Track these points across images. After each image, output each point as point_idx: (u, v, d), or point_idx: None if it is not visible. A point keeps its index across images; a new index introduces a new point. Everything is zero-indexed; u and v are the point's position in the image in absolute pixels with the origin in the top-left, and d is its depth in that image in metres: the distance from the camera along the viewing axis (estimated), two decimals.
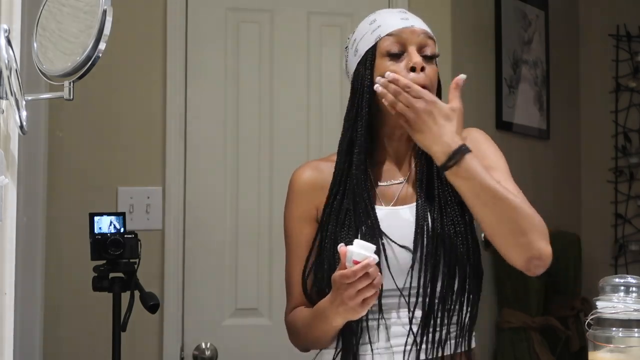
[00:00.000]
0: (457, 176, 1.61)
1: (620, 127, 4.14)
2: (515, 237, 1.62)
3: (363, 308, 1.56)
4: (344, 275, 1.52)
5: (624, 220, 4.11)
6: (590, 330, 1.45)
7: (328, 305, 1.61)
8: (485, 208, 1.62)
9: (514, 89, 3.57)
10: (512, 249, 1.63)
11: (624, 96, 4.15)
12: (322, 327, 1.67)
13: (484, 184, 1.60)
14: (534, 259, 1.62)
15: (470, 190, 1.62)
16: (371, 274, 1.52)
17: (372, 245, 1.54)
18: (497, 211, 1.61)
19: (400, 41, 1.72)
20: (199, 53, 2.90)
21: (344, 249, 1.53)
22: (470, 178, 1.61)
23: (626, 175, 4.12)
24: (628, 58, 4.15)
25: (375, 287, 1.54)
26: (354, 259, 1.52)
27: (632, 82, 4.13)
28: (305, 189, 1.79)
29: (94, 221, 2.25)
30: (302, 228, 1.77)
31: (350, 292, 1.53)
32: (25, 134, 1.28)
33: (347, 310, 1.57)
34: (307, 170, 1.82)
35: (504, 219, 1.62)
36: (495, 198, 1.60)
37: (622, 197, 4.12)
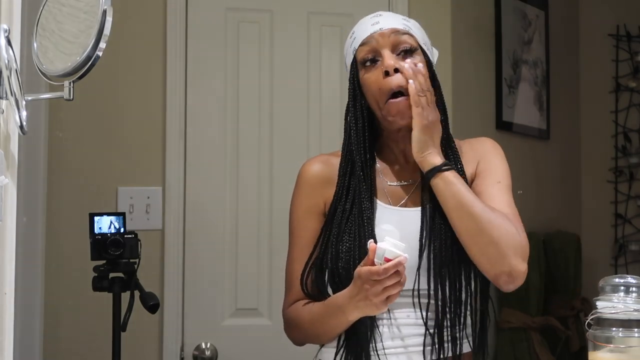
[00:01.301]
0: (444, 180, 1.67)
1: (620, 127, 4.14)
2: (487, 252, 1.64)
3: (385, 305, 1.58)
4: (374, 271, 1.53)
5: (624, 220, 4.11)
6: (590, 330, 1.45)
7: (347, 299, 1.61)
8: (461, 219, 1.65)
9: (514, 89, 3.57)
10: (483, 262, 1.66)
11: (624, 96, 4.15)
12: (334, 321, 1.68)
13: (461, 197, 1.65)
14: (503, 275, 1.65)
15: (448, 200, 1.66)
16: (400, 272, 1.53)
17: (403, 244, 1.55)
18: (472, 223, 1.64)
19: (372, 48, 1.74)
20: (199, 53, 2.90)
21: (374, 246, 1.54)
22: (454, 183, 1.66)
23: (626, 175, 4.12)
24: (628, 58, 4.15)
25: (402, 285, 1.56)
26: (386, 256, 1.52)
27: (632, 82, 4.13)
28: (314, 182, 1.79)
29: (94, 221, 2.25)
30: (309, 221, 1.78)
31: (377, 288, 1.54)
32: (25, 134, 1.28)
33: (367, 306, 1.58)
34: (318, 164, 1.82)
35: (478, 232, 1.64)
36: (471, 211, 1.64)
37: (622, 197, 4.12)
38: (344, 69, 1.87)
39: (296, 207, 1.81)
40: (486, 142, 1.83)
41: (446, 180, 1.66)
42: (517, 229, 1.66)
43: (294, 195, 1.83)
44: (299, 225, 1.79)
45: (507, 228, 1.64)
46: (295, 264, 1.78)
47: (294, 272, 1.79)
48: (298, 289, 1.77)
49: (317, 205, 1.78)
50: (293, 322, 1.78)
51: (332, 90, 2.94)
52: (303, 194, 1.80)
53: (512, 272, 1.64)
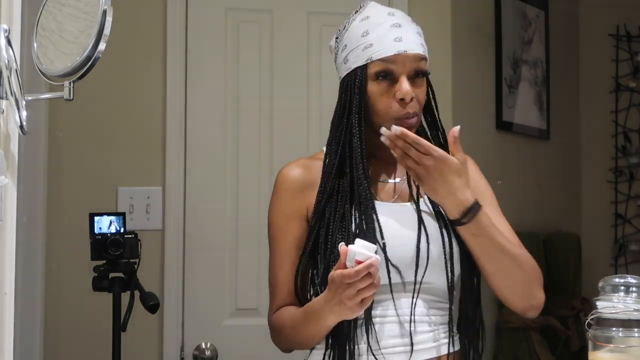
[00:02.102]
0: (468, 232, 1.65)
1: (620, 127, 4.13)
2: (518, 289, 1.69)
3: (360, 308, 1.56)
4: (346, 275, 1.51)
5: (624, 220, 4.11)
6: (590, 330, 1.44)
7: (323, 304, 1.59)
8: (492, 263, 1.67)
9: (514, 89, 3.57)
10: (514, 298, 1.71)
11: (624, 96, 4.15)
12: (313, 326, 1.66)
13: (493, 241, 1.65)
14: (532, 308, 1.72)
15: (480, 245, 1.66)
16: (372, 273, 1.51)
17: (374, 245, 1.53)
18: (503, 266, 1.67)
19: (392, 68, 1.69)
20: (199, 53, 2.90)
21: (345, 249, 1.52)
22: (481, 235, 1.65)
23: (626, 175, 4.12)
24: (628, 58, 4.15)
25: (376, 287, 1.54)
26: (357, 258, 1.50)
27: (632, 82, 4.13)
28: (295, 187, 1.77)
29: (94, 221, 2.25)
30: (291, 226, 1.75)
31: (350, 291, 1.52)
32: (25, 134, 1.28)
33: (343, 310, 1.56)
34: (297, 168, 1.80)
35: (510, 273, 1.67)
36: (503, 254, 1.66)
37: (622, 197, 4.12)
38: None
39: (276, 213, 1.78)
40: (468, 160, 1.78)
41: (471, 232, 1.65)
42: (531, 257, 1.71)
43: (272, 201, 1.80)
44: (281, 232, 1.76)
45: (531, 263, 1.70)
46: (279, 271, 1.76)
47: (277, 278, 1.76)
48: (282, 295, 1.75)
49: (299, 211, 1.75)
50: (278, 329, 1.76)
51: (332, 90, 2.92)
52: (283, 199, 1.77)
53: (538, 304, 1.72)
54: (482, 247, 1.65)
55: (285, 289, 1.75)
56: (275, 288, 1.77)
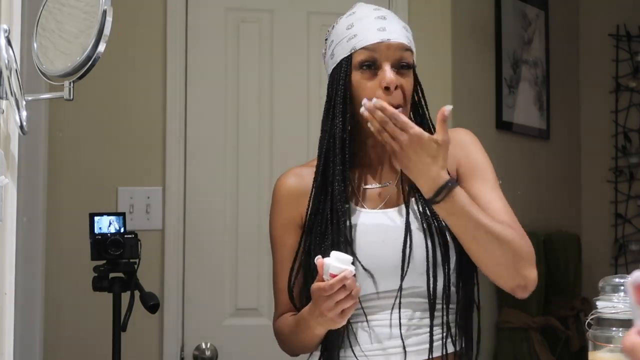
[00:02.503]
0: (444, 210, 1.62)
1: (620, 127, 4.13)
2: (502, 268, 1.64)
3: (342, 319, 1.57)
4: (322, 288, 1.52)
5: (624, 220, 4.11)
6: (590, 330, 1.44)
7: (308, 315, 1.62)
8: (472, 241, 1.63)
9: (514, 89, 3.57)
10: (499, 278, 1.66)
11: (624, 96, 4.15)
12: (304, 335, 1.68)
13: (471, 219, 1.61)
14: (519, 288, 1.66)
15: (457, 224, 1.63)
16: (348, 286, 1.52)
17: (349, 257, 1.53)
18: (484, 244, 1.62)
19: (375, 56, 1.69)
20: (199, 53, 2.90)
21: (321, 261, 1.53)
22: (457, 213, 1.61)
23: (626, 175, 4.12)
24: (628, 58, 4.15)
25: (354, 298, 1.54)
26: (331, 272, 1.52)
27: (632, 82, 4.13)
28: (288, 197, 1.79)
29: (94, 221, 2.24)
30: (287, 236, 1.78)
31: (328, 304, 1.53)
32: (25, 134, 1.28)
33: (326, 321, 1.58)
34: (290, 177, 1.82)
35: (491, 252, 1.63)
36: (482, 232, 1.61)
37: (622, 197, 4.12)
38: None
39: (274, 223, 1.81)
40: (463, 134, 1.78)
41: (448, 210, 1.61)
42: (523, 236, 1.66)
43: (271, 211, 1.83)
44: (278, 240, 1.80)
45: (517, 241, 1.64)
46: (279, 278, 1.79)
47: (278, 287, 1.80)
48: (282, 302, 1.79)
49: (293, 220, 1.77)
50: (280, 335, 1.80)
51: None
52: (279, 209, 1.80)
53: (527, 284, 1.66)
54: (459, 226, 1.62)
55: (285, 296, 1.78)
56: (277, 295, 1.82)
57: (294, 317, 1.72)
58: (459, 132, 1.78)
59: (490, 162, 1.76)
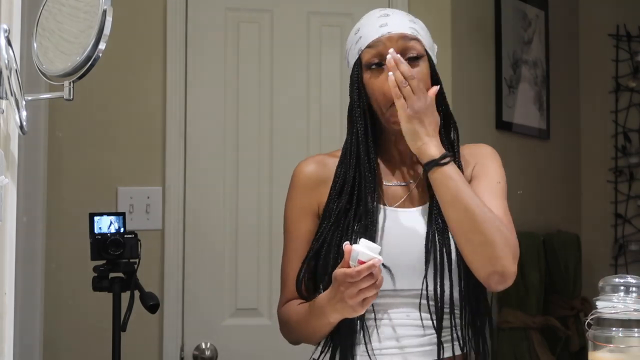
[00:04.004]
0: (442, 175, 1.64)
1: (620, 127, 4.13)
2: (480, 250, 1.63)
3: (362, 307, 1.56)
4: (348, 274, 1.52)
5: (624, 220, 4.11)
6: (590, 330, 1.45)
7: (326, 301, 1.61)
8: (458, 215, 1.64)
9: (514, 89, 3.57)
10: (477, 259, 1.64)
11: (624, 96, 4.15)
12: (317, 322, 1.67)
13: (464, 191, 1.63)
14: (495, 275, 1.64)
15: (449, 193, 1.64)
16: (375, 274, 1.52)
17: (378, 246, 1.54)
18: (469, 221, 1.62)
19: (379, 52, 1.71)
20: (199, 53, 2.90)
21: (349, 247, 1.53)
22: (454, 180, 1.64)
23: (626, 175, 4.12)
24: (628, 58, 4.15)
25: (377, 287, 1.54)
26: (360, 258, 1.51)
27: (632, 82, 4.13)
28: (308, 183, 1.78)
29: (94, 221, 2.24)
30: (302, 222, 1.77)
31: (351, 290, 1.53)
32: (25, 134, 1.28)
33: (345, 308, 1.57)
34: (312, 164, 1.81)
35: (474, 230, 1.62)
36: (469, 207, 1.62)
37: (622, 197, 4.12)
38: (344, 69, 1.86)
39: (290, 208, 1.80)
40: (485, 147, 1.84)
41: (444, 174, 1.65)
42: (510, 230, 1.67)
43: (288, 195, 1.81)
44: (292, 226, 1.79)
45: (501, 228, 1.64)
46: (289, 265, 1.78)
47: (287, 273, 1.78)
48: (291, 289, 1.77)
49: (310, 207, 1.76)
50: (284, 322, 1.78)
51: (332, 90, 2.94)
52: (297, 195, 1.79)
53: (504, 272, 1.63)
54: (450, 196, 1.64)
55: (293, 283, 1.76)
56: (285, 281, 1.80)
57: (306, 304, 1.71)
58: (482, 146, 1.85)
59: (504, 176, 1.79)
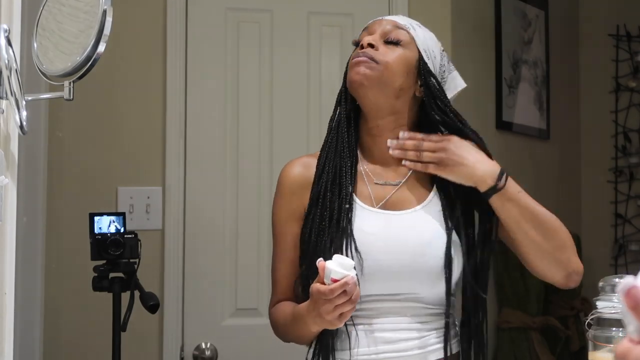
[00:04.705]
0: (503, 197, 1.66)
1: (620, 127, 4.13)
2: (557, 255, 1.68)
3: (340, 321, 1.56)
4: (321, 291, 1.52)
5: (624, 220, 4.11)
6: (590, 330, 1.45)
7: (305, 313, 1.61)
8: (531, 228, 1.66)
9: (514, 89, 3.57)
10: (554, 266, 1.69)
11: (624, 96, 4.15)
12: (299, 329, 1.68)
13: (529, 204, 1.67)
14: (573, 274, 1.70)
15: (513, 211, 1.66)
16: (349, 290, 1.51)
17: (351, 261, 1.52)
18: (541, 230, 1.66)
19: (368, 31, 1.77)
20: (199, 53, 2.90)
21: (322, 264, 1.52)
22: (516, 199, 1.66)
23: (626, 175, 4.12)
24: (628, 58, 4.15)
25: (353, 302, 1.53)
26: (332, 276, 1.50)
27: (632, 82, 4.13)
28: (293, 187, 1.77)
29: (94, 221, 2.24)
30: (289, 226, 1.76)
31: (327, 307, 1.53)
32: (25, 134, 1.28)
33: (323, 322, 1.58)
34: (297, 167, 1.80)
35: (547, 237, 1.67)
36: (539, 217, 1.67)
37: (622, 197, 4.12)
38: (343, 69, 1.87)
39: (277, 212, 1.79)
40: None
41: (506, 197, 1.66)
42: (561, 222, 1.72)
43: (275, 199, 1.81)
44: (281, 229, 1.78)
45: (564, 228, 1.70)
46: (278, 266, 1.79)
47: (276, 274, 1.79)
48: (280, 290, 1.78)
49: (297, 210, 1.76)
50: (273, 323, 1.80)
51: (332, 90, 2.92)
52: (283, 198, 1.78)
53: (578, 269, 1.70)
54: (516, 214, 1.66)
55: (282, 284, 1.78)
56: (274, 283, 1.81)
57: (291, 310, 1.70)
58: None
59: None
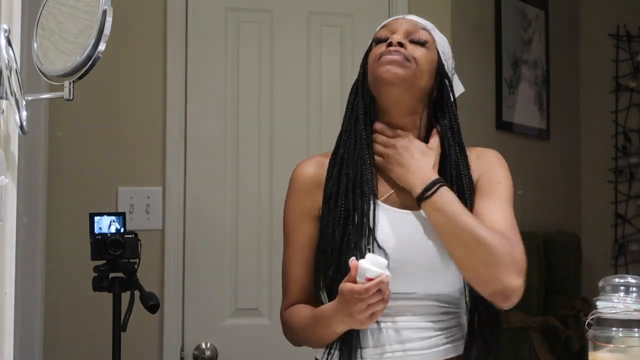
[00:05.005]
0: (430, 206, 1.64)
1: (620, 127, 4.14)
2: (480, 271, 1.61)
3: (370, 320, 1.56)
4: (355, 290, 1.50)
5: (624, 220, 4.11)
6: (590, 330, 1.45)
7: (332, 313, 1.60)
8: (453, 240, 1.62)
9: (514, 89, 3.57)
10: (475, 281, 1.64)
11: (624, 96, 4.15)
12: (322, 331, 1.66)
13: (453, 217, 1.62)
14: (496, 294, 1.62)
15: (440, 221, 1.63)
16: (383, 289, 1.51)
17: (384, 260, 1.52)
18: (463, 244, 1.61)
19: (389, 29, 1.76)
20: (199, 53, 2.90)
21: (356, 263, 1.51)
22: (441, 210, 1.63)
23: (626, 175, 4.12)
24: (628, 58, 4.15)
25: (386, 302, 1.53)
26: (367, 275, 1.49)
27: (632, 82, 4.13)
28: (307, 186, 1.76)
29: (94, 221, 2.24)
30: (302, 226, 1.75)
31: (360, 306, 1.52)
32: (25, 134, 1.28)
33: (353, 322, 1.57)
34: (310, 166, 1.78)
35: (469, 252, 1.61)
36: (463, 231, 1.61)
37: (622, 197, 4.12)
38: (344, 69, 1.88)
39: (289, 211, 1.78)
40: (491, 153, 1.81)
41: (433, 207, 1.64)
42: (513, 243, 1.63)
43: (287, 198, 1.79)
44: (292, 229, 1.77)
45: (501, 246, 1.60)
46: (291, 267, 1.76)
47: (289, 275, 1.77)
48: (294, 292, 1.76)
49: (310, 210, 1.74)
50: (288, 325, 1.77)
51: (332, 90, 2.94)
52: (296, 197, 1.77)
53: (505, 290, 1.61)
54: (442, 224, 1.62)
55: (296, 286, 1.75)
56: (287, 285, 1.78)
57: (310, 313, 1.69)
58: (489, 152, 1.83)
59: (510, 181, 1.77)
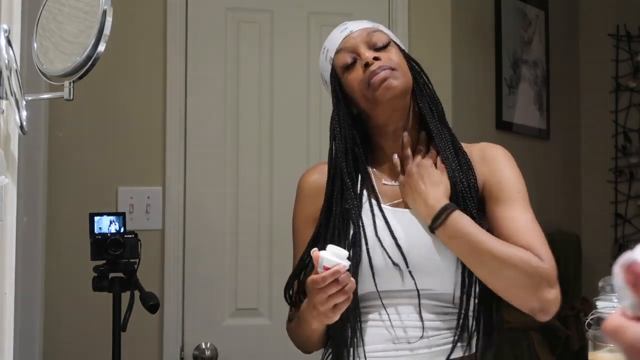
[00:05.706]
0: (444, 235, 1.64)
1: (620, 127, 4.14)
2: (513, 291, 1.64)
3: (334, 313, 1.56)
4: (314, 280, 1.53)
5: (624, 220, 4.11)
6: (590, 330, 1.45)
7: (305, 308, 1.63)
8: (477, 265, 1.63)
9: (514, 89, 3.57)
10: (513, 300, 1.66)
11: (624, 96, 4.15)
12: (303, 330, 1.69)
13: (473, 243, 1.62)
14: (535, 311, 1.66)
15: (459, 249, 1.64)
16: (341, 280, 1.51)
17: (345, 251, 1.53)
18: (489, 268, 1.62)
19: (348, 50, 1.76)
20: (199, 53, 2.90)
21: (317, 254, 1.53)
22: (458, 237, 1.63)
23: (626, 175, 4.12)
24: (628, 58, 4.15)
25: (347, 293, 1.54)
26: (324, 264, 1.51)
27: (632, 82, 4.13)
28: (311, 192, 1.80)
29: (94, 221, 2.24)
30: (307, 231, 1.78)
31: (320, 297, 1.53)
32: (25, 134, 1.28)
33: (319, 315, 1.58)
34: (314, 174, 1.83)
35: (497, 275, 1.62)
36: (486, 256, 1.61)
37: (622, 197, 4.12)
38: None
39: (296, 218, 1.83)
40: (498, 150, 1.78)
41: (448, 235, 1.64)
42: (540, 254, 1.64)
43: (294, 205, 1.85)
44: (299, 235, 1.81)
45: (528, 263, 1.61)
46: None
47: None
48: None
49: (314, 216, 1.78)
50: (289, 332, 1.81)
51: None
52: (301, 204, 1.82)
53: (542, 306, 1.65)
54: (461, 251, 1.64)
55: None
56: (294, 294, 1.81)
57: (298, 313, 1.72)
58: (495, 149, 1.79)
59: (521, 178, 1.77)
